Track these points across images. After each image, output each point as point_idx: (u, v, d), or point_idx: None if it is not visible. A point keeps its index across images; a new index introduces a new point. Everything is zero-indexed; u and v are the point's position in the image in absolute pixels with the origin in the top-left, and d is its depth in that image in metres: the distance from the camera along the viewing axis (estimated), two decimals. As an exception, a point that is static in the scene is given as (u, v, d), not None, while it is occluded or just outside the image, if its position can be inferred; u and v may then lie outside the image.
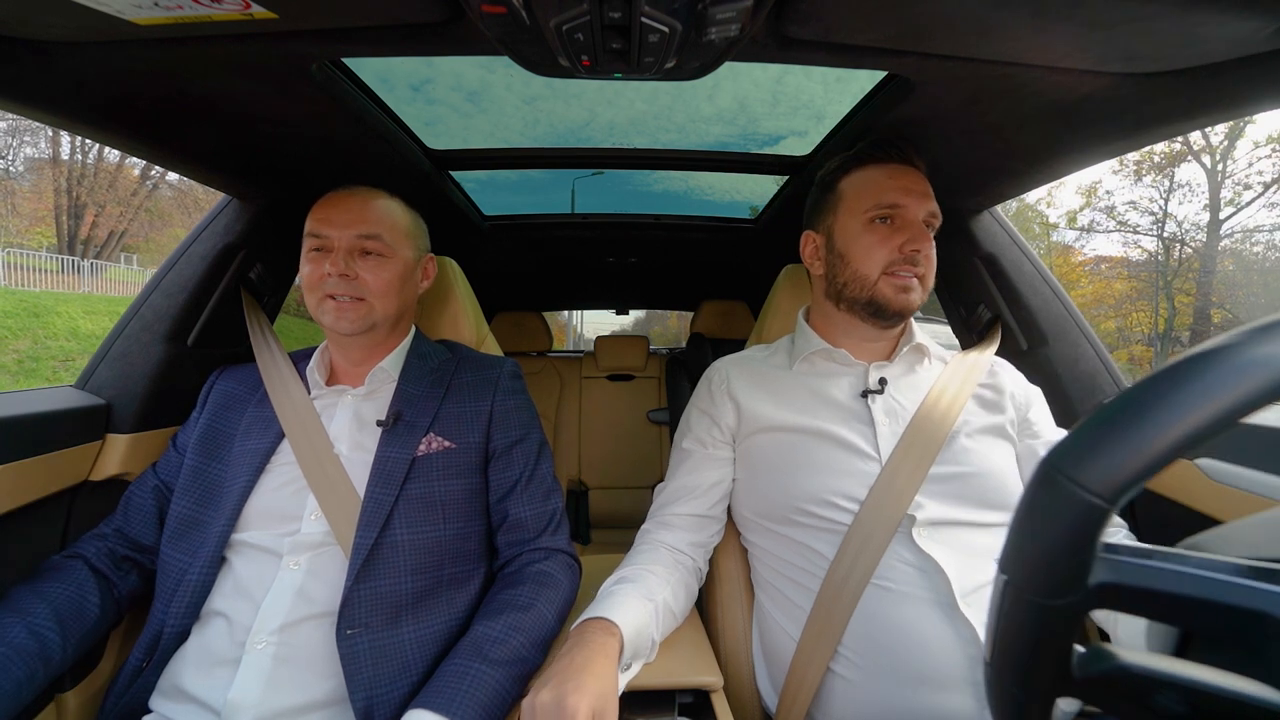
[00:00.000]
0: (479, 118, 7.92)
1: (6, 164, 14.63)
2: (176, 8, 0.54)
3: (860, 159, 0.86)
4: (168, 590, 0.77)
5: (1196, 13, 0.54)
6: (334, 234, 0.85)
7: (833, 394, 0.86)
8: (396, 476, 0.80)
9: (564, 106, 6.71)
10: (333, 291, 0.84)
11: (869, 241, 0.82)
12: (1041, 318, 1.09)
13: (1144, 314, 16.75)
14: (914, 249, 0.80)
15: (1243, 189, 15.09)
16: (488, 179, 1.45)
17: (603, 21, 0.54)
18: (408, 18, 0.59)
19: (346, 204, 0.87)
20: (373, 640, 0.72)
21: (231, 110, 0.79)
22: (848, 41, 0.64)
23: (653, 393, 2.50)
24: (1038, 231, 19.44)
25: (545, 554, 0.87)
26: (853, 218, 0.84)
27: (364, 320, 0.86)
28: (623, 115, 6.58)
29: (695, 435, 0.93)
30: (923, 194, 0.82)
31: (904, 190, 0.82)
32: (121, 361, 0.96)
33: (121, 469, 0.92)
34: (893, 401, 0.83)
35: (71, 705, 0.84)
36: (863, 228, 0.83)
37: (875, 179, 0.83)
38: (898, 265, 0.81)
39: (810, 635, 0.75)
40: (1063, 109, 0.75)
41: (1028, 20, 0.58)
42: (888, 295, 0.82)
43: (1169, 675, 0.27)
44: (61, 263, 12.67)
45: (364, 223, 0.86)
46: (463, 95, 8.67)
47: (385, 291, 0.87)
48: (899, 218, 0.82)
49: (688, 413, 0.97)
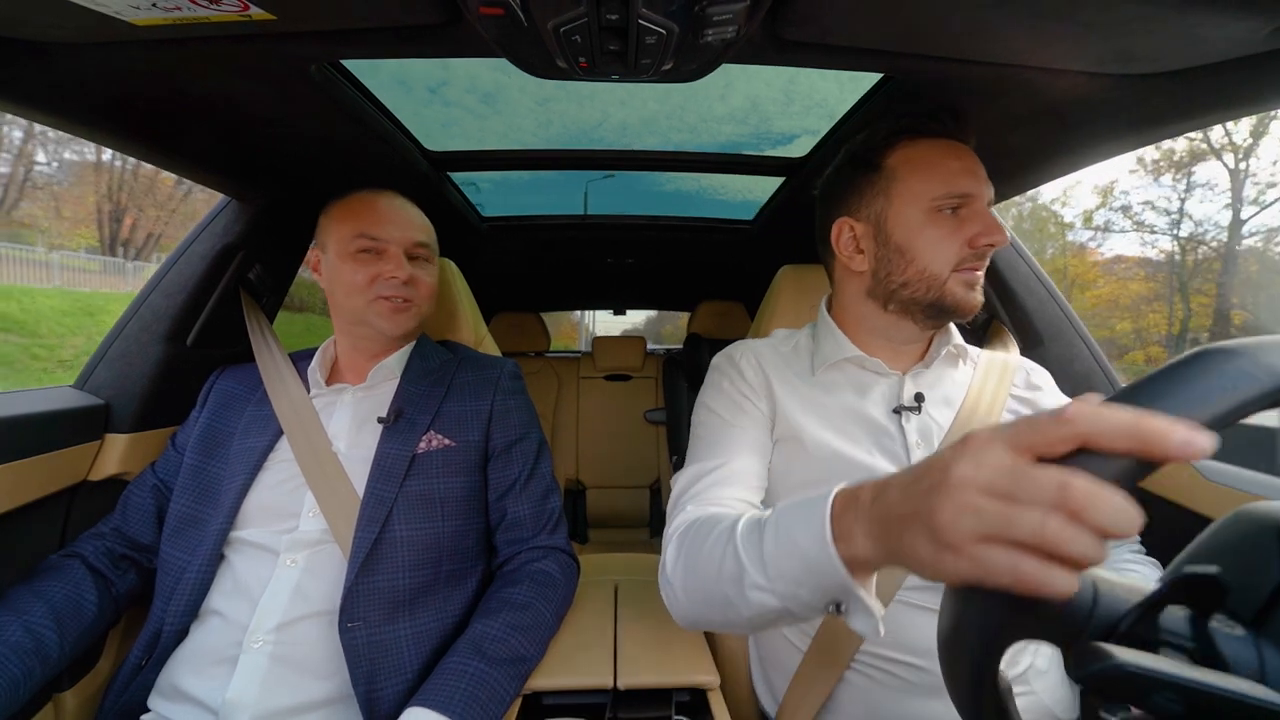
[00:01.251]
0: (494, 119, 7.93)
1: (52, 168, 14.85)
2: (175, 9, 0.54)
3: (913, 130, 0.74)
4: (167, 588, 0.77)
5: (1194, 13, 0.54)
6: (391, 238, 0.88)
7: (864, 410, 0.76)
8: (397, 473, 0.81)
9: (577, 108, 6.77)
10: (389, 294, 0.86)
11: (936, 235, 0.71)
12: (1037, 319, 1.09)
13: (1160, 315, 16.48)
14: (988, 243, 0.70)
15: (1266, 188, 14.84)
16: (493, 180, 1.46)
17: (600, 23, 0.54)
18: (406, 19, 0.59)
19: (395, 209, 0.91)
20: (369, 635, 0.72)
21: (230, 111, 0.79)
22: (844, 43, 0.64)
23: (650, 393, 2.51)
24: (1053, 231, 19.27)
25: (544, 553, 0.87)
26: (912, 205, 0.72)
27: (414, 321, 0.91)
28: (635, 116, 6.64)
29: (740, 408, 0.78)
30: (986, 178, 0.73)
31: (971, 174, 0.71)
32: (121, 361, 0.96)
33: (120, 469, 0.92)
34: (929, 419, 0.75)
35: (70, 704, 0.84)
36: (926, 217, 0.71)
37: (934, 159, 0.72)
38: (969, 262, 0.71)
39: (819, 650, 0.73)
40: (1060, 110, 0.75)
41: (1024, 21, 0.58)
42: (959, 295, 0.72)
43: (1167, 675, 0.27)
44: (104, 264, 13.10)
45: (416, 229, 0.91)
46: (477, 97, 8.72)
47: (430, 296, 0.94)
48: (968, 206, 0.71)
49: (719, 388, 0.81)
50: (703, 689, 0.75)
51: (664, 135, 2.82)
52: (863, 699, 0.71)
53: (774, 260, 0.95)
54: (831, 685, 0.72)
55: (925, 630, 0.68)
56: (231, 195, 1.06)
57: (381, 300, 0.87)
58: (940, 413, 0.76)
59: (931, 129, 0.73)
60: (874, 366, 0.78)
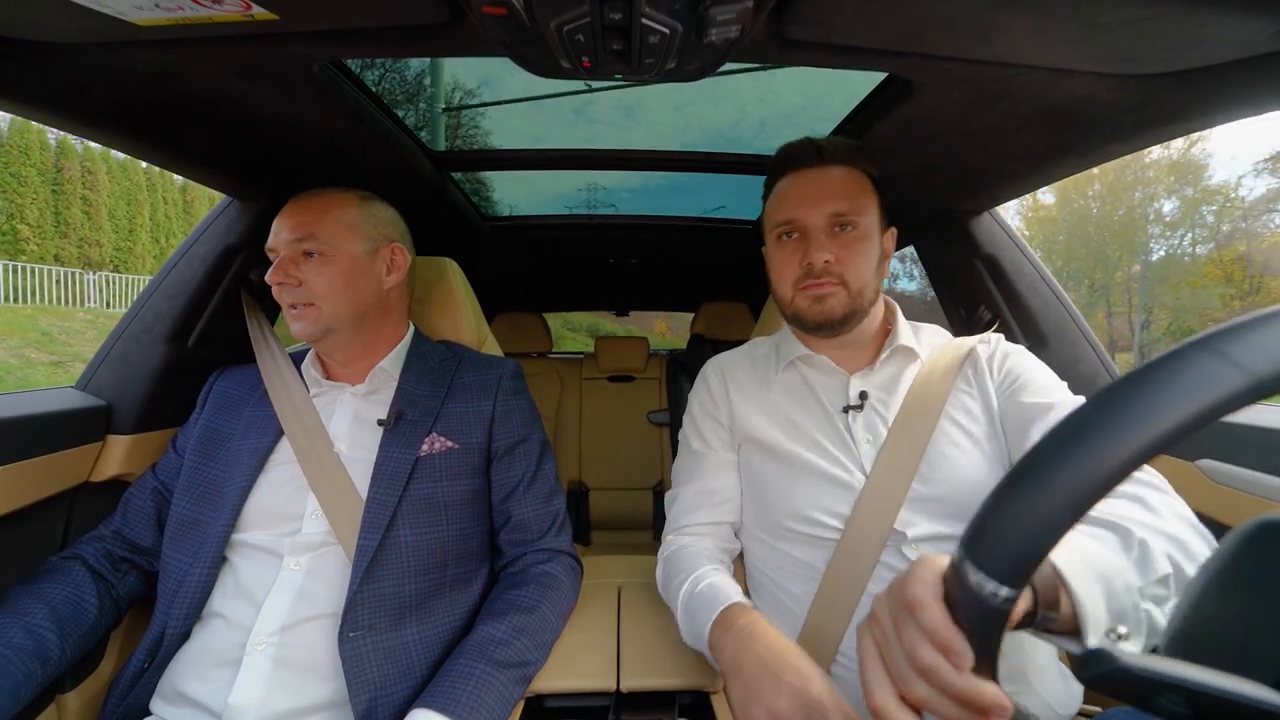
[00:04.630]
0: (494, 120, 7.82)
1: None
2: (177, 9, 0.54)
3: (772, 178, 0.85)
4: (169, 591, 0.77)
5: (1198, 14, 0.53)
6: (277, 244, 0.84)
7: (814, 408, 0.84)
8: (400, 477, 0.80)
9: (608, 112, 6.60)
10: (284, 300, 0.84)
11: (779, 260, 0.83)
12: (1042, 319, 1.09)
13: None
14: (809, 261, 0.78)
15: None
16: (494, 181, 1.45)
17: (603, 23, 0.54)
18: (408, 19, 0.59)
19: (290, 210, 0.86)
20: (377, 642, 0.72)
21: (232, 111, 0.79)
22: (848, 43, 0.64)
23: (653, 394, 2.50)
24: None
25: (549, 555, 0.87)
26: (769, 237, 0.84)
27: (317, 324, 0.84)
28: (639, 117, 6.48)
29: (703, 437, 0.91)
30: (821, 195, 0.78)
31: (798, 199, 0.79)
32: (122, 363, 0.96)
33: (122, 470, 0.92)
34: (874, 416, 0.80)
35: (72, 706, 0.84)
36: (774, 247, 0.83)
37: (779, 193, 0.83)
38: (804, 279, 0.79)
39: (805, 643, 0.74)
40: (1063, 110, 0.75)
41: (1028, 22, 0.57)
42: (803, 308, 0.81)
43: (1171, 677, 0.27)
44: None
45: (299, 225, 0.84)
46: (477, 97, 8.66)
47: (330, 293, 0.83)
48: (798, 229, 0.80)
49: (691, 412, 0.95)
50: (706, 691, 0.74)
51: (665, 136, 2.84)
52: (853, 694, 0.72)
53: None
54: None
55: None
56: (234, 195, 1.06)
57: (289, 309, 0.84)
58: (889, 409, 0.81)
59: (784, 169, 0.83)
60: (821, 365, 0.85)
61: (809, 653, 0.74)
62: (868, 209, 0.80)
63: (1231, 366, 0.26)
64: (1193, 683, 0.27)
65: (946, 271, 1.28)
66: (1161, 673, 0.27)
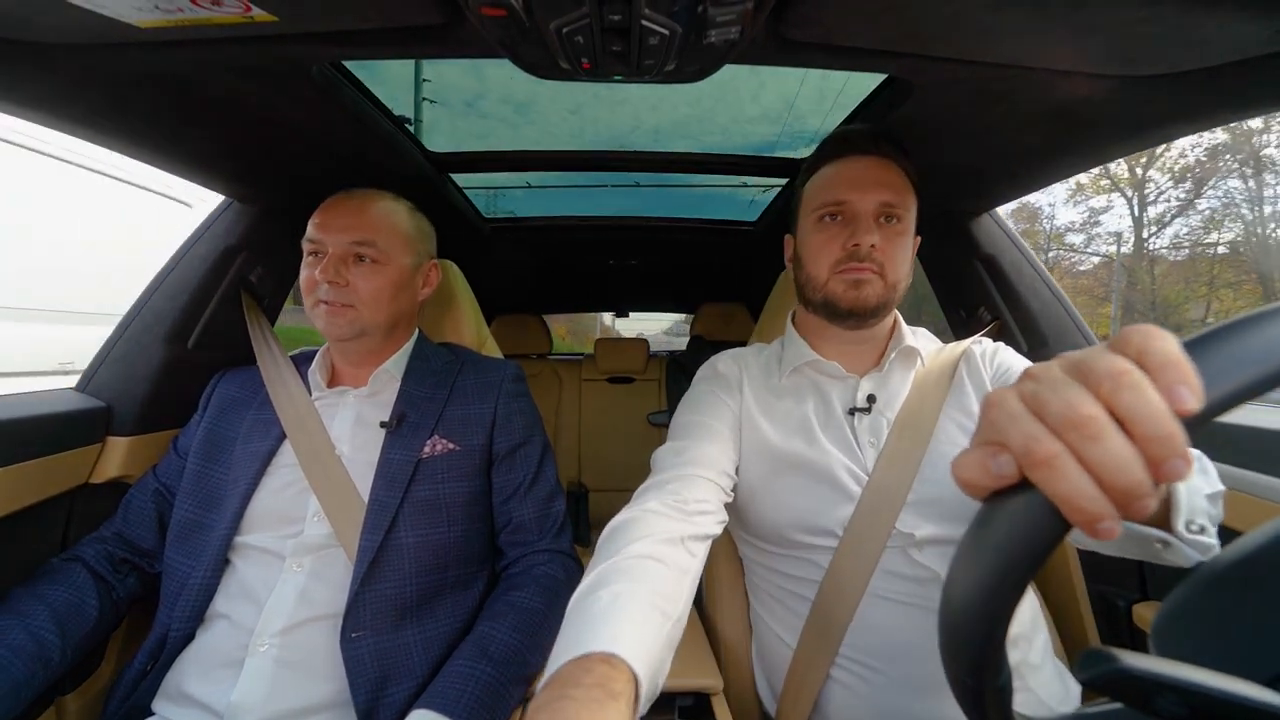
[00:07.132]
0: (526, 128, 7.96)
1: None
2: (177, 10, 0.54)
3: (819, 160, 0.83)
4: (172, 594, 0.77)
5: (1197, 15, 0.53)
6: (328, 239, 0.84)
7: (821, 413, 0.82)
8: (401, 479, 0.80)
9: (609, 113, 6.68)
10: (324, 297, 0.84)
11: (818, 241, 0.80)
12: (1042, 320, 1.09)
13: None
14: (855, 243, 0.76)
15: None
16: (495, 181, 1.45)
17: (603, 24, 0.54)
18: (407, 20, 0.59)
19: (344, 208, 0.86)
20: (378, 643, 0.72)
21: (232, 112, 0.79)
22: (848, 44, 0.64)
23: (653, 395, 2.50)
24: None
25: (549, 556, 0.87)
26: (806, 217, 0.82)
27: (352, 326, 0.85)
28: (666, 120, 6.60)
29: (712, 410, 0.83)
30: (875, 182, 0.77)
31: (850, 182, 0.78)
32: (122, 364, 0.96)
33: (122, 471, 0.92)
34: (880, 419, 0.79)
35: (72, 708, 0.84)
36: (813, 227, 0.81)
37: (827, 175, 0.81)
38: (845, 263, 0.77)
39: (807, 645, 0.75)
40: (1063, 112, 0.75)
41: (1028, 23, 0.57)
42: (837, 293, 0.78)
43: (1170, 678, 0.27)
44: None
45: (359, 228, 0.85)
46: (511, 107, 8.75)
47: (375, 300, 0.85)
48: (845, 212, 0.78)
49: (696, 392, 0.87)
50: (706, 693, 0.74)
51: (695, 138, 2.85)
52: (854, 698, 0.72)
53: (777, 262, 0.95)
54: (821, 680, 0.73)
55: (911, 629, 0.70)
56: (233, 197, 1.06)
57: (320, 304, 0.84)
58: (890, 411, 0.80)
59: (831, 154, 0.81)
60: (831, 370, 0.84)
61: (809, 655, 0.74)
62: (911, 207, 0.80)
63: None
64: (1191, 684, 0.27)
65: (946, 272, 1.28)
66: (1160, 674, 0.27)
